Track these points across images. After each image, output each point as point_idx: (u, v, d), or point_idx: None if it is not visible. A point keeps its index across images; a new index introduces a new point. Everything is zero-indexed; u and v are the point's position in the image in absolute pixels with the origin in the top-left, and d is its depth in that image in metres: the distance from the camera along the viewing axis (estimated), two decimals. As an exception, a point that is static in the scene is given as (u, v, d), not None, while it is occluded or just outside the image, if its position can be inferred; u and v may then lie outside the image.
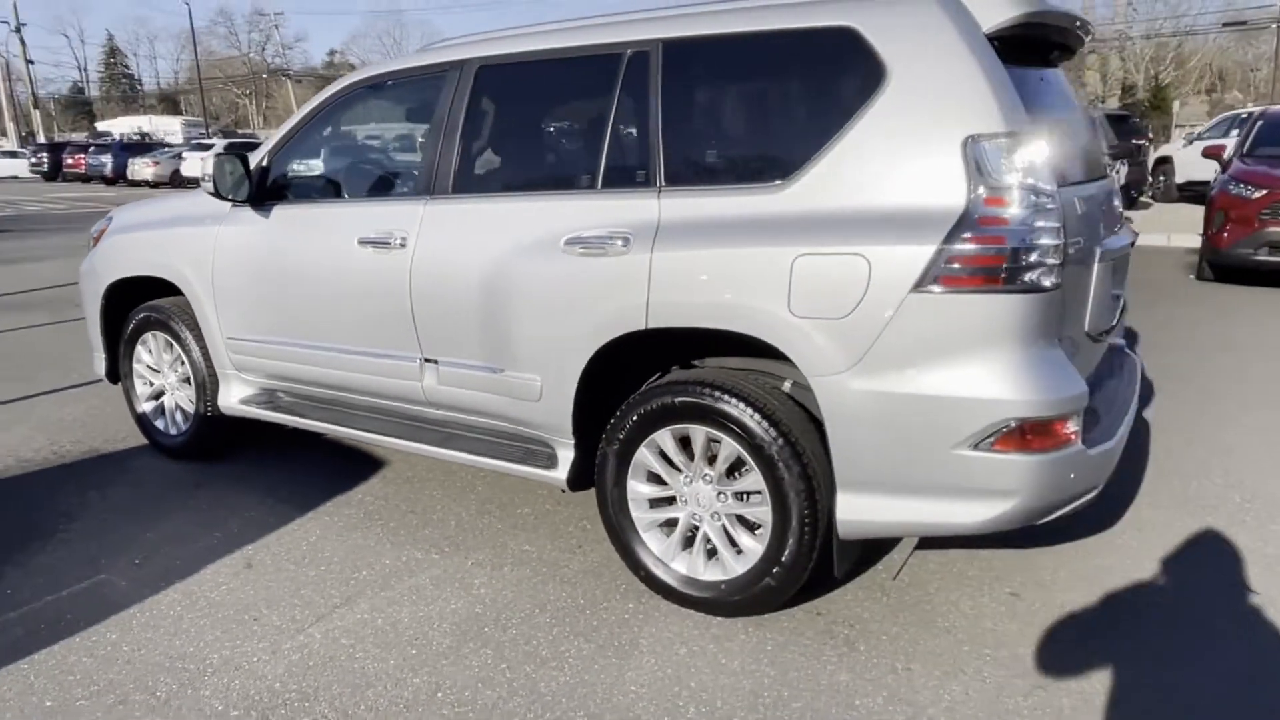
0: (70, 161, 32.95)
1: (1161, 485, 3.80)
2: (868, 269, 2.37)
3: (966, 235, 2.27)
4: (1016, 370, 2.28)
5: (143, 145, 34.59)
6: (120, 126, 53.50)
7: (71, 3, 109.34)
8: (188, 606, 2.99)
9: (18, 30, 48.19)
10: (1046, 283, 2.29)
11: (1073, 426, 2.36)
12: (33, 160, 35.05)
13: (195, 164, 26.52)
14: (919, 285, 2.30)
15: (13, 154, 37.67)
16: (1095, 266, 2.61)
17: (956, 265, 2.28)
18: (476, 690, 2.51)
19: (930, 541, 3.29)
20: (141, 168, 29.89)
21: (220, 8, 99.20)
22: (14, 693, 2.52)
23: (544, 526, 3.54)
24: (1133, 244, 3.22)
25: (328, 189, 3.78)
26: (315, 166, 3.79)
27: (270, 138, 3.82)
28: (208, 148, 25.10)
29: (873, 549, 3.24)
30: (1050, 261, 2.28)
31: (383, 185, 3.60)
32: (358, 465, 4.21)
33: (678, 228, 2.70)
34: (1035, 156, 2.29)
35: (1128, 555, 3.20)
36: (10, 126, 50.27)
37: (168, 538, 3.49)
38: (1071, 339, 2.53)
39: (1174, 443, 4.29)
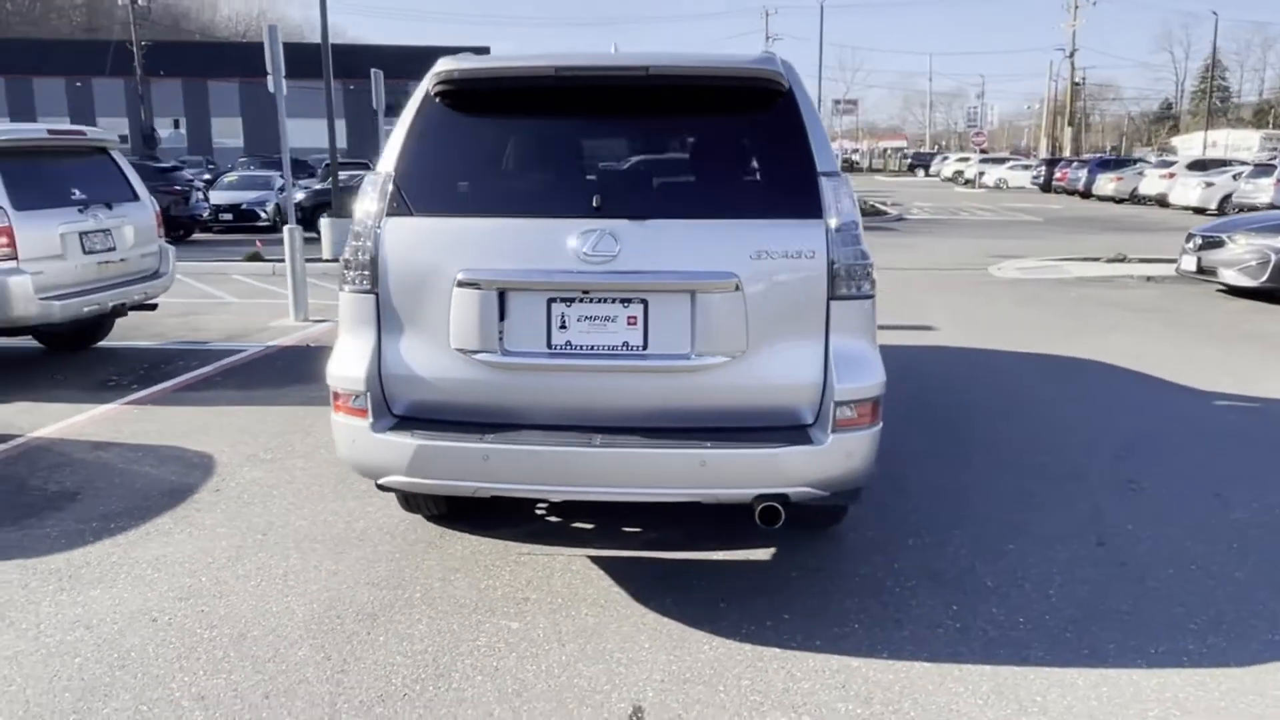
0: (1058, 175, 34.05)
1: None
2: None
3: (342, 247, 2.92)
4: (337, 348, 2.89)
5: (1117, 161, 34.49)
6: (1193, 142, 51.74)
7: (1184, 19, 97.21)
8: (207, 423, 4.77)
9: (1070, 56, 48.82)
10: (359, 287, 2.82)
11: (358, 404, 2.78)
12: (1034, 174, 37.74)
13: (1154, 182, 26.11)
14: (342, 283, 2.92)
15: (1026, 168, 40.62)
16: (456, 291, 2.72)
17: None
18: (150, 495, 3.85)
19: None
20: (1105, 182, 29.78)
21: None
22: (77, 439, 4.47)
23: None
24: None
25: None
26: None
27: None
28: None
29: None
30: (360, 273, 2.81)
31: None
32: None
33: None
34: (377, 189, 2.80)
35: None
36: (1045, 142, 53.39)
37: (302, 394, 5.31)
38: (458, 350, 2.74)
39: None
